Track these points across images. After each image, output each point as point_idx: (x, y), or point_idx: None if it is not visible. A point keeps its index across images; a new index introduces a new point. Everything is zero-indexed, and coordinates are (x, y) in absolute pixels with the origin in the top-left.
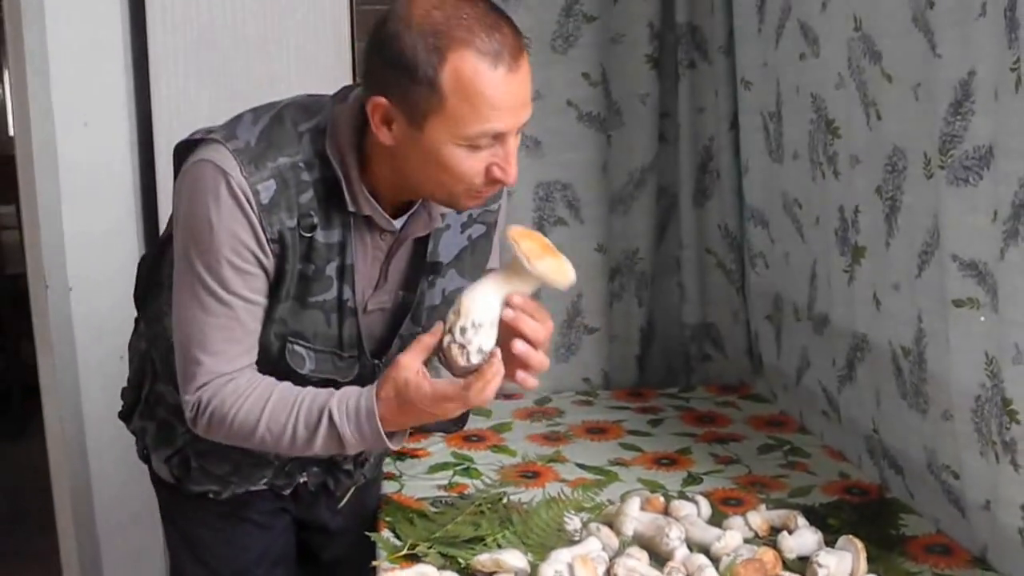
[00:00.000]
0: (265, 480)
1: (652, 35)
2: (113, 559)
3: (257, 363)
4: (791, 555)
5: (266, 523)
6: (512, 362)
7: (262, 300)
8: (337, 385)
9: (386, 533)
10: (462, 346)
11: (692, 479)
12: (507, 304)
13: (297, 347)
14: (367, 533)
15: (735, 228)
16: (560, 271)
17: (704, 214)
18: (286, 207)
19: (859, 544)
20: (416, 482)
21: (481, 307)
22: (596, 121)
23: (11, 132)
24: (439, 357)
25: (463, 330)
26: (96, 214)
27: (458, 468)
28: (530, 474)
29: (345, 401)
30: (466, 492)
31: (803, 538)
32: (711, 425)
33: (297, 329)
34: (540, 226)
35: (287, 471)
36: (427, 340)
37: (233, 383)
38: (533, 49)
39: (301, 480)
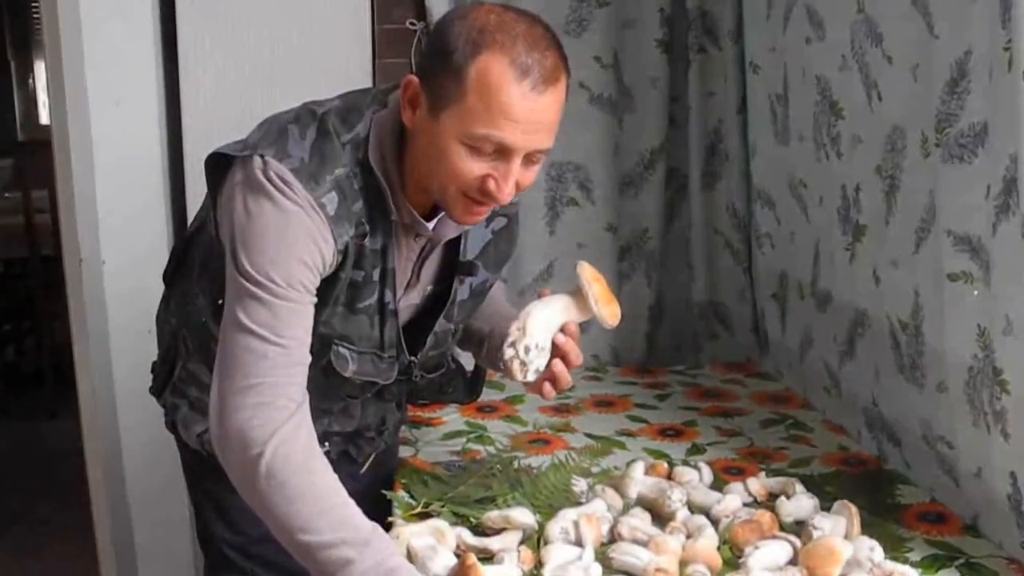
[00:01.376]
0: None
1: (663, 20)
2: (144, 526)
3: None
4: (788, 519)
5: None
6: (543, 376)
7: (315, 301)
8: (377, 387)
9: (401, 493)
10: (524, 363)
11: (696, 449)
12: (563, 328)
13: (342, 350)
14: (383, 491)
15: (743, 209)
16: (614, 316)
17: (713, 195)
18: (347, 218)
19: (853, 508)
20: (431, 448)
21: (545, 333)
22: (608, 104)
23: (43, 120)
24: (500, 364)
25: (527, 349)
26: (128, 192)
27: (471, 435)
28: (540, 442)
29: (389, 549)
30: (479, 458)
31: (800, 503)
32: (717, 400)
33: (344, 333)
34: (552, 206)
35: None
36: None
37: (302, 421)
38: None
39: (324, 449)
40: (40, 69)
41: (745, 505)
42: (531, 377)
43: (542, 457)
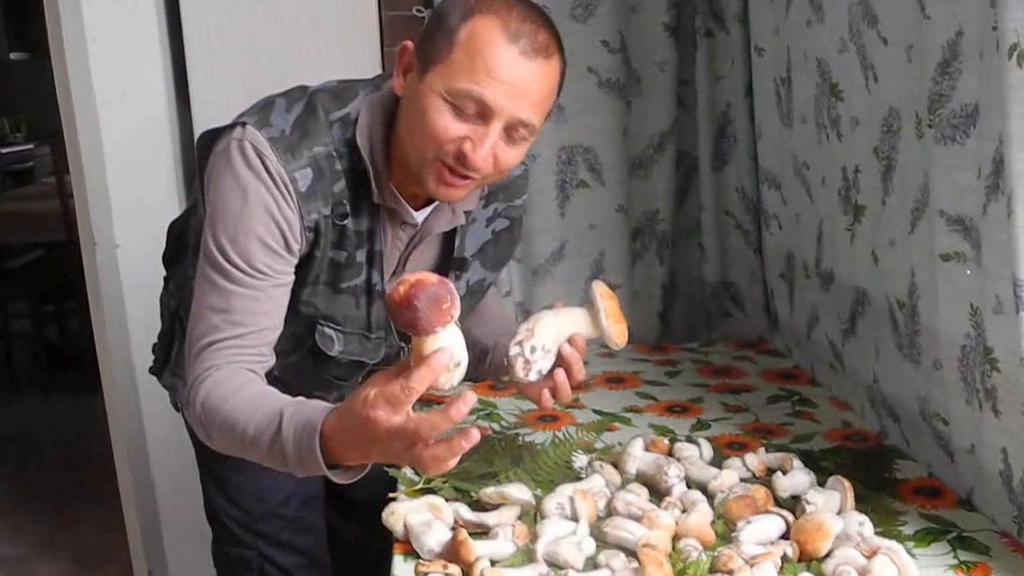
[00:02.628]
0: None
1: (670, 4)
2: (167, 500)
3: (286, 346)
4: (784, 494)
5: None
6: (544, 383)
7: (287, 281)
8: (366, 368)
9: (406, 470)
10: (528, 362)
11: (701, 425)
12: (570, 340)
13: (327, 329)
14: (386, 468)
15: (751, 191)
16: (621, 336)
17: (722, 177)
18: (322, 196)
19: (847, 484)
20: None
21: (554, 337)
22: (616, 87)
23: None
24: (504, 360)
25: (532, 349)
26: (139, 179)
27: (481, 412)
28: (548, 418)
29: (299, 408)
30: (486, 435)
31: (796, 479)
32: (726, 377)
33: (329, 313)
34: (563, 188)
35: None
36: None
37: (239, 365)
38: (555, 18)
39: None
40: None
41: (743, 480)
42: (532, 377)
43: (546, 433)
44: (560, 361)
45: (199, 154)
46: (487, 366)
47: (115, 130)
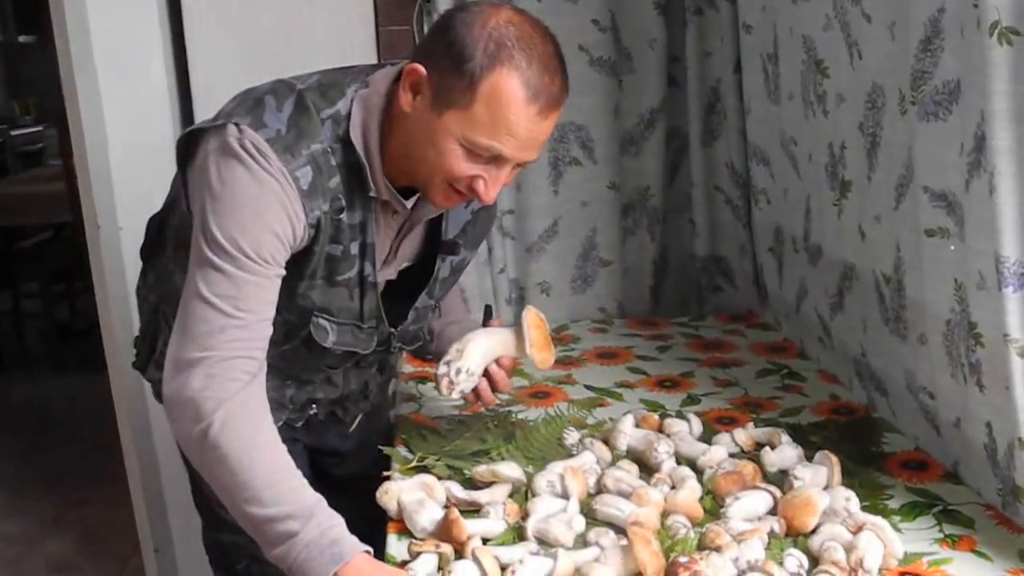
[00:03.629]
0: (282, 422)
1: None
2: (171, 478)
3: (279, 335)
4: (772, 468)
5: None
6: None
7: (283, 274)
8: (358, 356)
9: (401, 448)
10: (452, 383)
11: (691, 400)
12: (498, 360)
13: (322, 321)
14: (381, 448)
15: (740, 166)
16: (544, 362)
17: (712, 153)
18: (321, 192)
19: (834, 458)
20: (433, 403)
21: (480, 362)
22: (607, 66)
23: None
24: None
25: (458, 371)
26: (141, 162)
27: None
28: (541, 394)
29: (330, 520)
30: (478, 411)
31: (784, 453)
32: (716, 351)
33: (324, 305)
34: (555, 166)
35: (300, 408)
36: None
37: (254, 386)
38: None
39: (311, 412)
40: None
41: (731, 455)
42: (455, 396)
43: (538, 410)
44: (488, 376)
45: (183, 152)
46: (431, 350)
47: (117, 112)
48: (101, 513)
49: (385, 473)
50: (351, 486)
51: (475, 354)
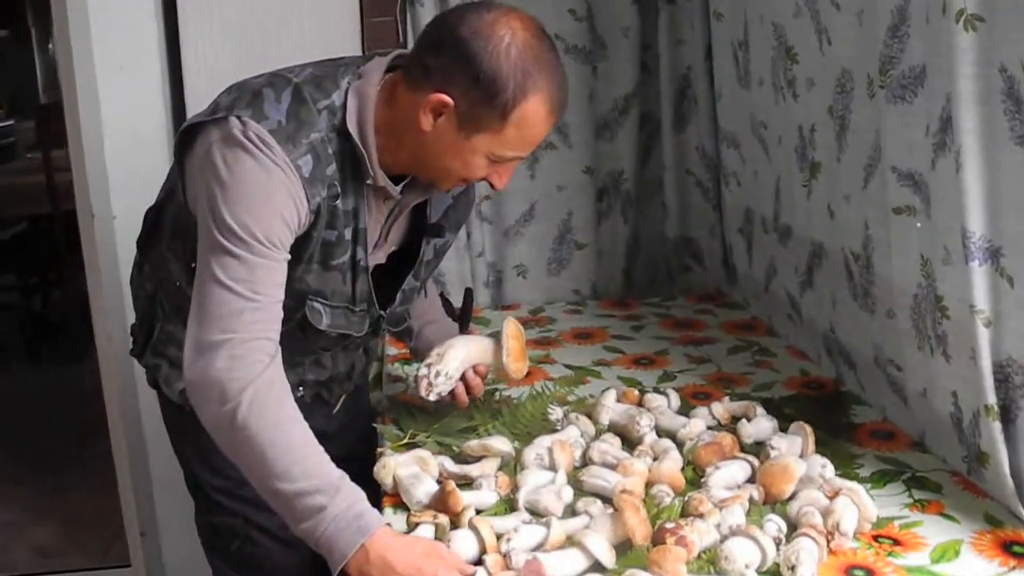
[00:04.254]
0: None
1: None
2: (159, 460)
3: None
4: (748, 440)
5: None
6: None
7: (288, 258)
8: (350, 339)
9: (391, 426)
10: (431, 385)
11: (667, 376)
12: (475, 367)
13: (316, 304)
14: (374, 425)
15: (711, 150)
16: (519, 372)
17: (684, 138)
18: (320, 180)
19: (808, 429)
20: None
21: (458, 367)
22: (582, 53)
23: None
24: (422, 349)
25: (437, 374)
26: (136, 151)
27: None
28: None
29: (356, 495)
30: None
31: (760, 425)
32: (688, 330)
33: (318, 288)
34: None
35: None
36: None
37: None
38: None
39: (299, 394)
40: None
41: (709, 428)
42: (432, 398)
43: (522, 388)
44: (464, 380)
45: (182, 144)
46: (411, 347)
47: (113, 102)
48: (83, 500)
49: (379, 450)
50: (339, 464)
51: (454, 359)
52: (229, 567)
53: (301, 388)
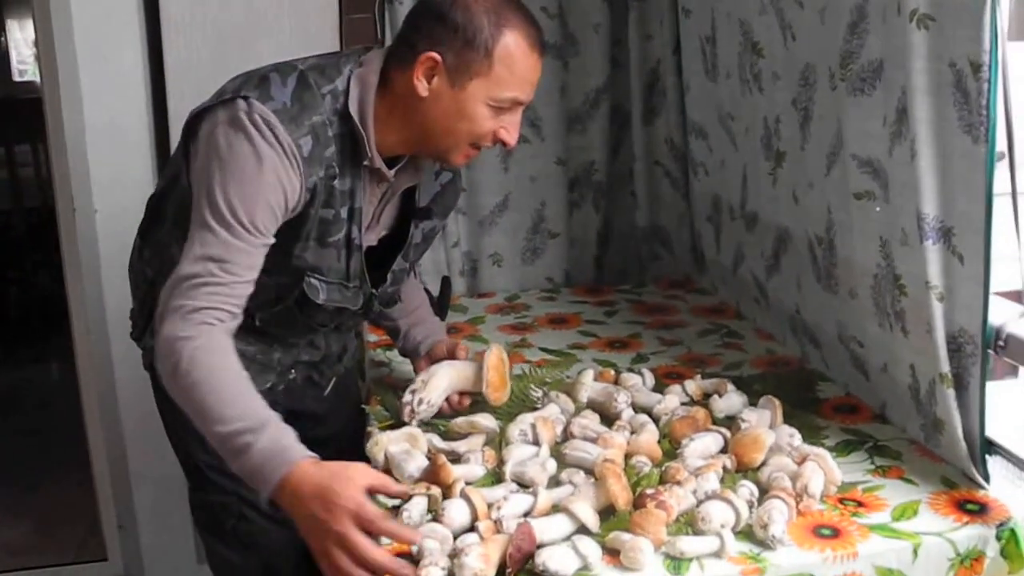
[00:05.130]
0: (269, 384)
1: None
2: (137, 453)
3: (272, 296)
4: (720, 414)
5: None
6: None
7: (272, 242)
8: (344, 316)
9: (378, 408)
10: (414, 411)
11: (640, 358)
12: (460, 392)
13: (313, 280)
14: (363, 406)
15: (680, 141)
16: (498, 400)
17: (653, 130)
18: (318, 160)
19: (776, 402)
20: (403, 367)
21: (441, 394)
22: (554, 49)
23: (15, 77)
24: (409, 347)
25: (420, 401)
26: (117, 143)
27: None
28: None
29: (282, 431)
30: None
31: (731, 401)
32: (659, 314)
33: (316, 265)
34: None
35: (283, 372)
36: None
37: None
38: None
39: (291, 376)
40: (12, 28)
41: (683, 404)
42: (413, 423)
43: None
44: (447, 401)
45: (190, 129)
46: (399, 347)
47: (93, 96)
48: (56, 498)
49: (368, 429)
50: (328, 446)
51: (437, 388)
52: (223, 545)
53: (293, 371)
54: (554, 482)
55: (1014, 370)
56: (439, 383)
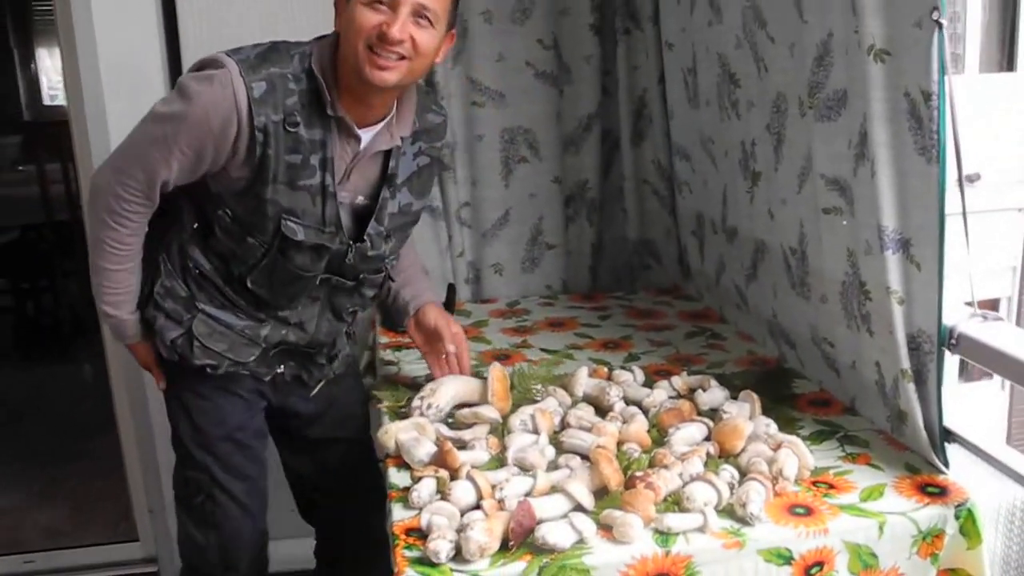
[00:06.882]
0: (254, 358)
1: (593, 7)
2: (165, 447)
3: (257, 255)
4: (704, 407)
5: (250, 400)
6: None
7: (190, 172)
8: (326, 250)
9: (387, 392)
10: (422, 414)
11: (631, 358)
12: (465, 403)
13: (290, 223)
14: (375, 393)
15: (665, 162)
16: (502, 411)
17: (641, 152)
18: (272, 105)
19: (755, 396)
20: (410, 366)
21: (449, 402)
22: (550, 78)
23: (46, 102)
24: (399, 307)
25: (429, 406)
26: None
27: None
28: (503, 356)
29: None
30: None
31: (714, 394)
32: (649, 318)
33: (289, 207)
34: (506, 164)
35: (270, 357)
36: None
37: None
38: (497, 21)
39: (279, 370)
40: (42, 56)
41: (670, 397)
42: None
43: (506, 368)
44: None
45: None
46: (389, 305)
47: (119, 119)
48: (91, 485)
49: (379, 405)
50: (315, 448)
51: (445, 396)
52: (191, 521)
53: (282, 366)
54: (552, 466)
55: (989, 373)
56: (447, 391)
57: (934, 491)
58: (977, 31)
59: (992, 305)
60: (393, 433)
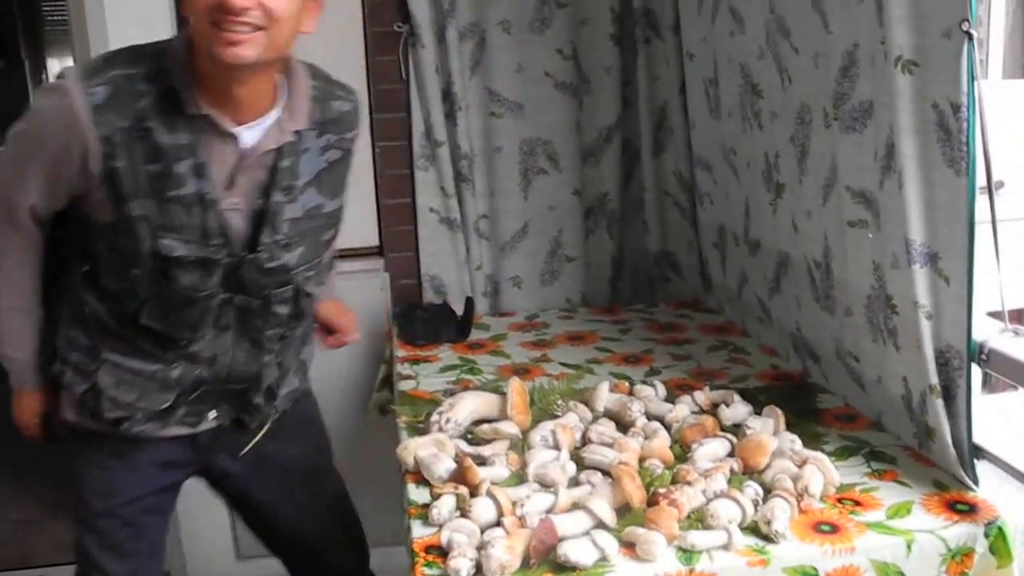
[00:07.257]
0: (168, 404)
1: (614, 17)
2: None
3: (146, 285)
4: (727, 422)
5: (150, 473)
6: None
7: (50, 195)
8: (215, 265)
9: (406, 406)
10: (440, 428)
11: (653, 372)
12: (483, 419)
13: (166, 240)
14: (392, 407)
15: (687, 173)
16: (522, 424)
17: (661, 163)
18: (117, 110)
19: (779, 411)
20: (429, 379)
21: (468, 416)
22: (569, 89)
23: None
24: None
25: (448, 420)
26: None
27: (463, 368)
28: (522, 370)
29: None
30: (470, 386)
31: (737, 410)
32: (671, 332)
33: (163, 222)
34: (525, 175)
35: (192, 402)
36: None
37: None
38: (516, 31)
39: (211, 416)
40: (53, 65)
41: (692, 413)
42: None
43: (526, 383)
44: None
45: None
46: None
47: None
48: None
49: (397, 419)
50: (266, 509)
51: (464, 410)
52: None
53: (214, 412)
54: (573, 483)
55: (1014, 385)
56: (465, 405)
57: (963, 508)
58: (1001, 36)
59: (1019, 315)
60: (412, 449)
